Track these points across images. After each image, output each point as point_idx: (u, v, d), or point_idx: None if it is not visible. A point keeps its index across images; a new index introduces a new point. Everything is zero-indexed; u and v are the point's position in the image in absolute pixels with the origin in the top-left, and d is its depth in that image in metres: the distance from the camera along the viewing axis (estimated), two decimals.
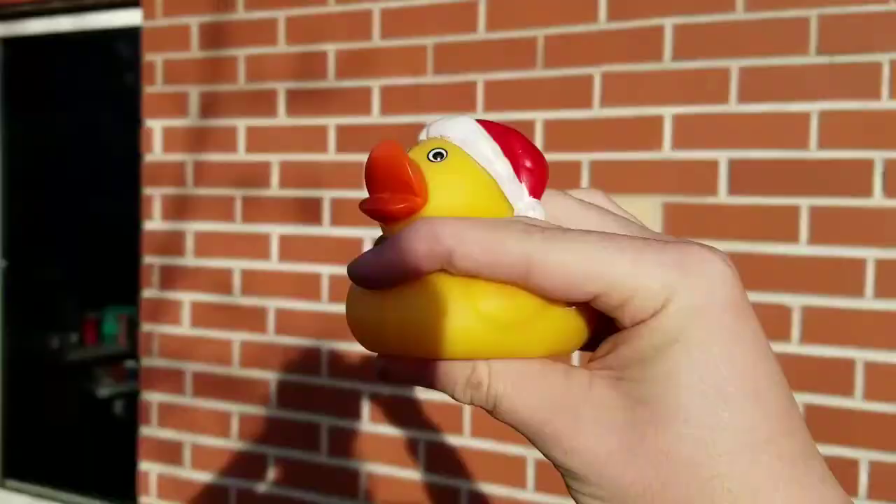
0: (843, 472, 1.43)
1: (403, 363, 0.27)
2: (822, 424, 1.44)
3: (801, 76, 1.45)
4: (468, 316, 0.24)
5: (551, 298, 0.25)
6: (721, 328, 0.23)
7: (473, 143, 0.27)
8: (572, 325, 0.26)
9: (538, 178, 0.28)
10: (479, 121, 0.28)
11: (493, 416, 0.26)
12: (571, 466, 0.25)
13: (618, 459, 0.24)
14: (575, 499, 0.26)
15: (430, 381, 0.27)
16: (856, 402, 1.43)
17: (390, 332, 0.26)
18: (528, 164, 0.28)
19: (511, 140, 0.28)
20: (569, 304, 0.26)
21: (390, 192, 0.26)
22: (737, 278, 0.24)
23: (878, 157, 1.40)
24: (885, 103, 1.40)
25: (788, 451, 0.23)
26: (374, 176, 0.26)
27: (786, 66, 1.46)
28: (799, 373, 1.46)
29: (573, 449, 0.25)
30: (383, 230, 0.28)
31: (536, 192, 0.28)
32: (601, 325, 0.27)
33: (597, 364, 0.26)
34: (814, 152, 1.44)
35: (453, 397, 0.27)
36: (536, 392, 0.25)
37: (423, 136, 0.29)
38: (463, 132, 0.27)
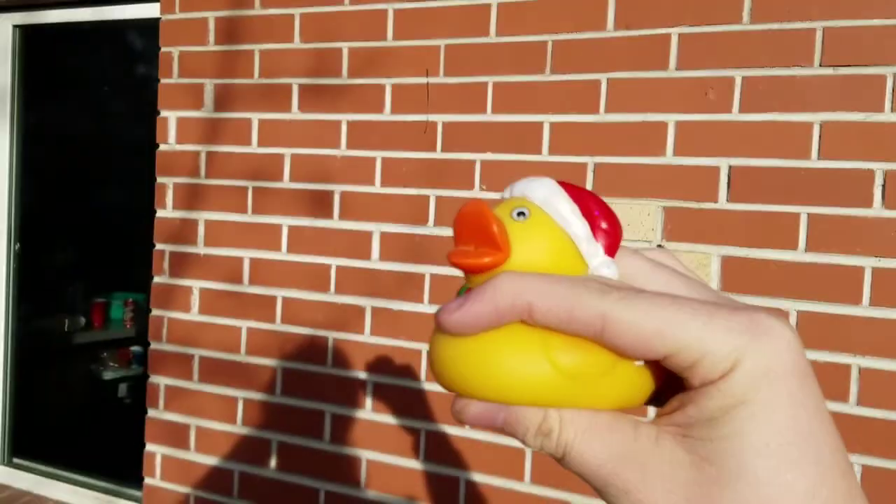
0: None
1: (479, 406, 0.28)
2: None
3: (805, 87, 1.48)
4: (544, 366, 0.26)
5: (624, 355, 0.26)
6: (786, 393, 0.24)
7: (553, 204, 0.29)
8: (642, 381, 0.27)
9: (613, 239, 0.29)
10: (559, 182, 0.30)
11: (562, 465, 0.28)
12: None
13: None
14: None
15: (502, 425, 0.28)
16: (850, 407, 1.47)
17: (470, 376, 0.27)
18: (603, 225, 0.29)
19: (588, 202, 0.30)
20: (639, 360, 0.27)
21: (476, 245, 0.28)
22: (801, 345, 0.25)
23: (879, 168, 1.43)
24: (887, 116, 1.43)
25: None
26: (461, 229, 0.29)
27: (790, 77, 1.49)
28: None
29: (640, 502, 0.25)
30: (467, 279, 0.30)
31: (611, 251, 0.29)
32: (669, 380, 0.28)
33: (664, 420, 0.27)
34: (814, 162, 1.47)
35: (524, 443, 0.28)
36: (605, 443, 0.26)
37: (506, 193, 0.31)
38: (544, 193, 0.29)
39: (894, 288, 1.44)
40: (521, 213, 0.29)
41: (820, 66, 1.47)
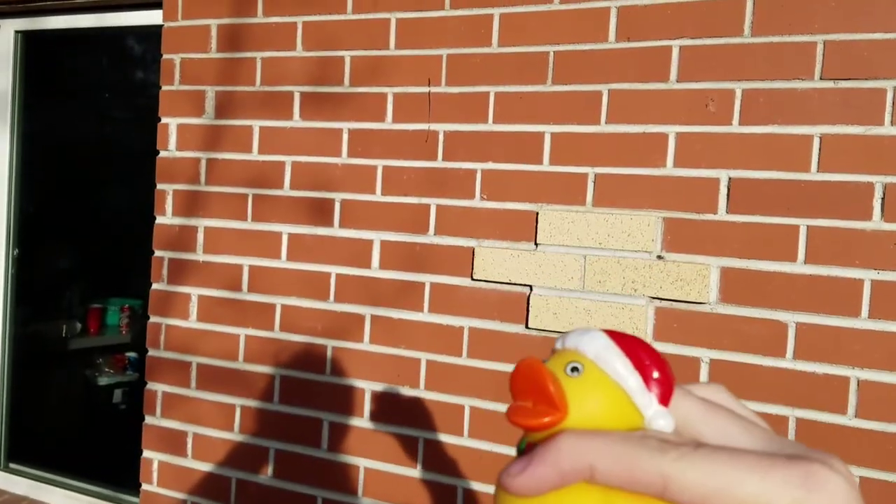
0: None
1: None
2: (813, 440, 1.48)
3: (805, 100, 1.49)
4: None
5: None
6: None
7: (606, 360, 0.30)
8: None
9: (665, 388, 0.30)
10: (609, 333, 0.31)
11: None
12: None
13: None
14: None
15: None
16: (848, 419, 1.47)
17: None
18: (655, 374, 0.30)
19: (640, 352, 0.31)
20: None
21: (533, 401, 0.29)
22: (857, 494, 0.26)
23: (879, 181, 1.44)
24: (887, 129, 1.44)
25: None
26: (518, 386, 0.29)
27: (790, 90, 1.50)
28: (791, 388, 1.50)
29: None
30: (526, 433, 0.30)
31: (665, 400, 0.30)
32: None
33: None
34: (814, 175, 1.48)
35: None
36: None
37: (558, 345, 0.32)
38: (596, 348, 0.30)
39: (893, 301, 1.44)
40: (574, 369, 0.30)
41: (820, 79, 1.48)
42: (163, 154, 2.11)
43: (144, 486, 2.16)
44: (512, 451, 1.70)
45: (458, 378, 1.77)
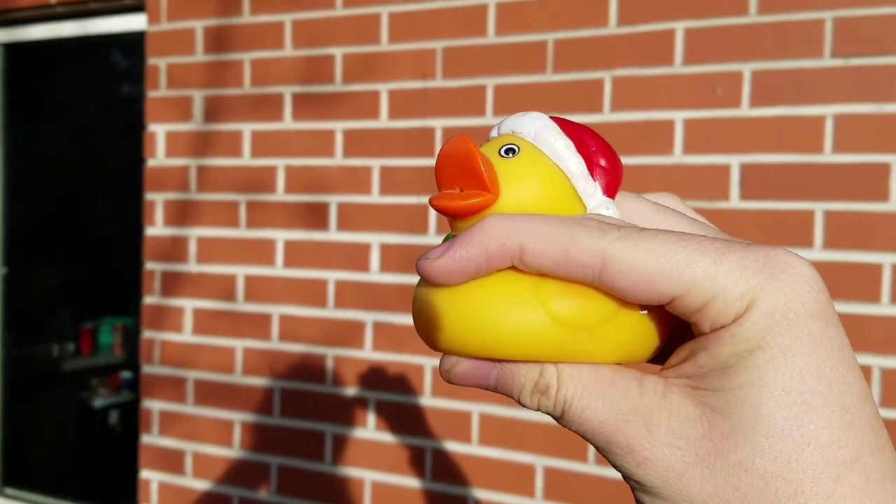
0: None
1: (468, 364, 0.26)
2: None
3: (816, 79, 1.44)
4: (538, 315, 0.24)
5: (625, 301, 0.24)
6: (808, 336, 0.22)
7: (546, 139, 0.26)
8: (645, 331, 0.25)
9: (612, 177, 0.27)
10: (552, 117, 0.27)
11: (561, 423, 0.26)
12: (643, 479, 0.24)
13: (694, 473, 0.23)
14: None
15: (495, 384, 0.26)
16: None
17: (457, 330, 0.25)
18: (602, 162, 0.27)
19: (585, 137, 0.27)
20: (643, 308, 0.25)
21: (461, 186, 0.25)
22: (823, 285, 0.23)
23: (895, 160, 1.39)
24: None
25: (876, 471, 0.22)
26: (444, 171, 0.26)
27: (800, 69, 1.45)
28: None
29: (646, 460, 0.23)
30: (452, 226, 0.27)
31: (610, 191, 0.27)
32: (674, 335, 0.26)
33: (671, 372, 0.24)
34: (828, 156, 1.43)
35: (519, 402, 0.26)
36: (608, 398, 0.24)
37: (493, 133, 0.28)
38: (535, 128, 0.27)
39: None
40: (510, 150, 0.26)
41: (831, 56, 1.43)
42: (151, 163, 2.05)
43: None
44: (524, 457, 1.64)
45: None
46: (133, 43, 2.21)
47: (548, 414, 0.26)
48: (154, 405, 2.06)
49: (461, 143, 0.25)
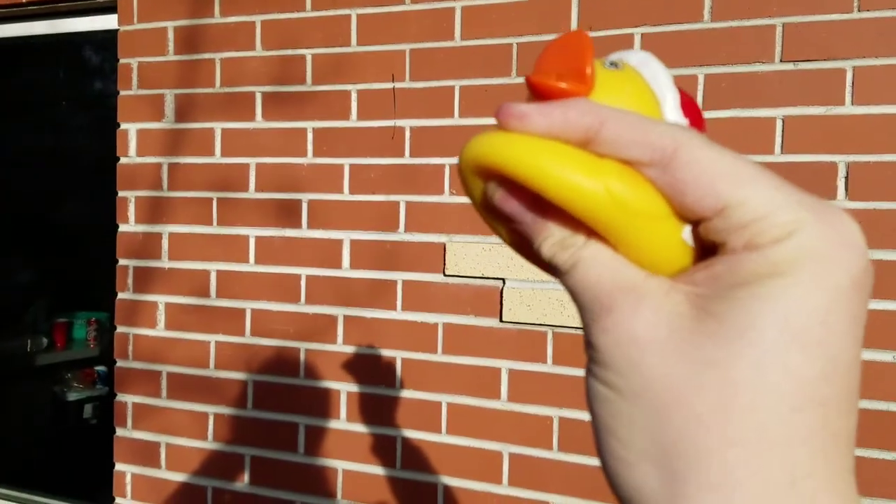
0: None
1: (518, 194, 0.27)
2: None
3: (767, 83, 1.50)
4: (597, 184, 0.24)
5: (678, 204, 0.24)
6: (833, 285, 0.22)
7: (651, 67, 0.28)
8: (680, 252, 0.26)
9: (698, 122, 0.28)
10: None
11: (561, 280, 0.27)
12: (603, 344, 0.24)
13: (657, 349, 0.23)
14: (588, 383, 0.26)
15: (530, 223, 0.27)
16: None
17: (518, 158, 0.25)
18: (693, 112, 0.28)
19: (684, 92, 0.28)
20: (689, 222, 0.25)
21: (559, 76, 0.26)
22: (866, 253, 0.23)
23: (842, 160, 1.46)
24: (848, 108, 1.45)
25: (838, 429, 0.22)
26: (550, 56, 0.27)
27: (751, 73, 1.51)
28: None
29: (616, 325, 0.24)
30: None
31: (696, 126, 0.27)
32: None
33: (684, 279, 0.25)
34: (778, 156, 1.49)
35: (538, 248, 0.27)
36: (616, 272, 0.25)
37: (604, 64, 0.29)
38: (644, 58, 0.28)
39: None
40: (614, 64, 0.27)
41: (780, 61, 1.49)
42: (123, 161, 2.07)
43: (118, 500, 2.12)
44: (490, 445, 1.70)
45: (434, 375, 1.76)
46: (105, 41, 2.22)
47: (556, 267, 0.27)
48: (128, 399, 2.09)
49: (580, 35, 0.26)
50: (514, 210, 0.27)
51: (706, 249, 0.25)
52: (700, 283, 0.24)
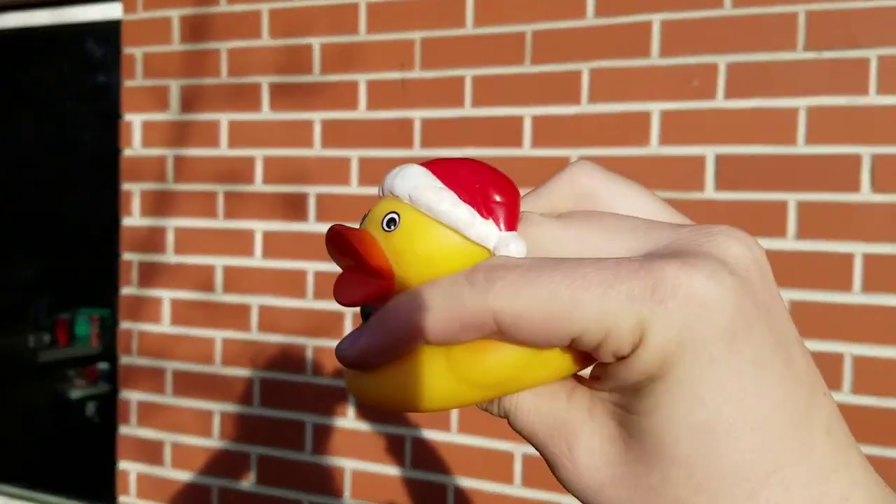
0: None
1: None
2: None
3: (789, 72, 1.46)
4: (454, 387, 0.24)
5: (534, 346, 0.23)
6: (708, 361, 0.21)
7: (421, 200, 0.25)
8: (567, 362, 0.25)
9: (508, 208, 0.25)
10: (426, 164, 0.26)
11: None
12: (570, 490, 0.25)
13: (610, 494, 0.23)
14: None
15: None
16: (844, 395, 1.44)
17: (391, 404, 0.25)
18: (494, 196, 0.25)
19: (466, 175, 0.26)
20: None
21: (353, 270, 0.25)
22: (727, 294, 0.21)
23: (866, 152, 1.41)
24: (872, 98, 1.41)
25: (798, 479, 0.21)
26: (337, 256, 0.26)
27: (773, 62, 1.46)
28: None
29: (568, 478, 0.24)
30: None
31: (510, 223, 0.25)
32: None
33: (599, 384, 0.24)
34: (801, 147, 1.45)
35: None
36: (539, 414, 0.25)
37: (379, 191, 0.28)
38: (409, 188, 0.26)
39: (885, 273, 1.42)
40: (391, 222, 0.25)
41: (803, 49, 1.45)
42: (127, 153, 2.03)
43: (121, 499, 2.08)
44: (502, 444, 1.66)
45: None
46: (109, 32, 2.18)
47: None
48: (132, 396, 2.05)
49: (338, 236, 0.25)
50: None
51: None
52: (608, 391, 0.24)
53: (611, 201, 0.28)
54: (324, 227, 1.81)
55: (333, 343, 1.81)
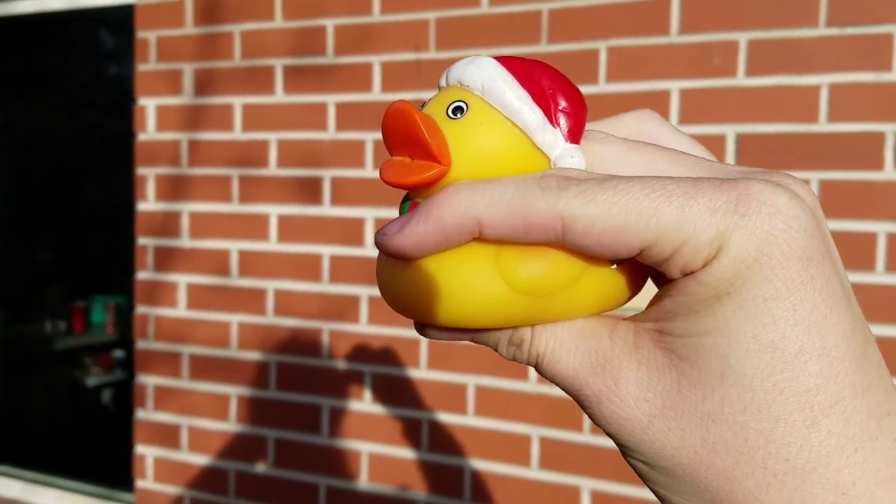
0: None
1: (440, 331, 0.26)
2: None
3: (811, 48, 1.43)
4: (499, 287, 0.23)
5: (594, 257, 0.23)
6: (784, 279, 0.20)
7: (494, 93, 0.24)
8: (618, 285, 0.24)
9: (575, 120, 0.25)
10: (500, 58, 0.25)
11: (538, 373, 0.26)
12: (611, 431, 0.24)
13: (660, 426, 0.22)
14: (626, 460, 0.25)
15: (472, 339, 0.26)
16: None
17: (423, 305, 0.24)
18: (562, 104, 0.25)
19: (539, 77, 0.25)
20: (613, 261, 0.24)
21: (410, 155, 0.24)
22: (806, 217, 0.21)
23: (890, 129, 1.39)
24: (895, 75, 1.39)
25: (859, 412, 0.21)
26: (391, 140, 0.25)
27: (795, 39, 1.44)
28: None
29: (613, 413, 0.23)
30: (411, 195, 0.26)
31: (574, 136, 0.25)
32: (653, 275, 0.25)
33: (643, 316, 0.24)
34: (823, 125, 1.43)
35: (497, 352, 0.26)
36: (579, 351, 0.24)
37: (442, 81, 0.26)
38: (482, 79, 0.24)
39: None
40: (457, 110, 0.24)
41: (826, 26, 1.42)
42: (141, 137, 2.03)
43: (139, 483, 2.09)
44: (519, 427, 1.65)
45: (460, 355, 1.71)
46: (122, 16, 2.17)
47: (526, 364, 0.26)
48: (149, 380, 2.06)
49: (401, 113, 0.24)
50: (449, 337, 0.26)
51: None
52: (658, 319, 0.23)
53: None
54: (339, 211, 1.80)
55: (349, 327, 1.81)
